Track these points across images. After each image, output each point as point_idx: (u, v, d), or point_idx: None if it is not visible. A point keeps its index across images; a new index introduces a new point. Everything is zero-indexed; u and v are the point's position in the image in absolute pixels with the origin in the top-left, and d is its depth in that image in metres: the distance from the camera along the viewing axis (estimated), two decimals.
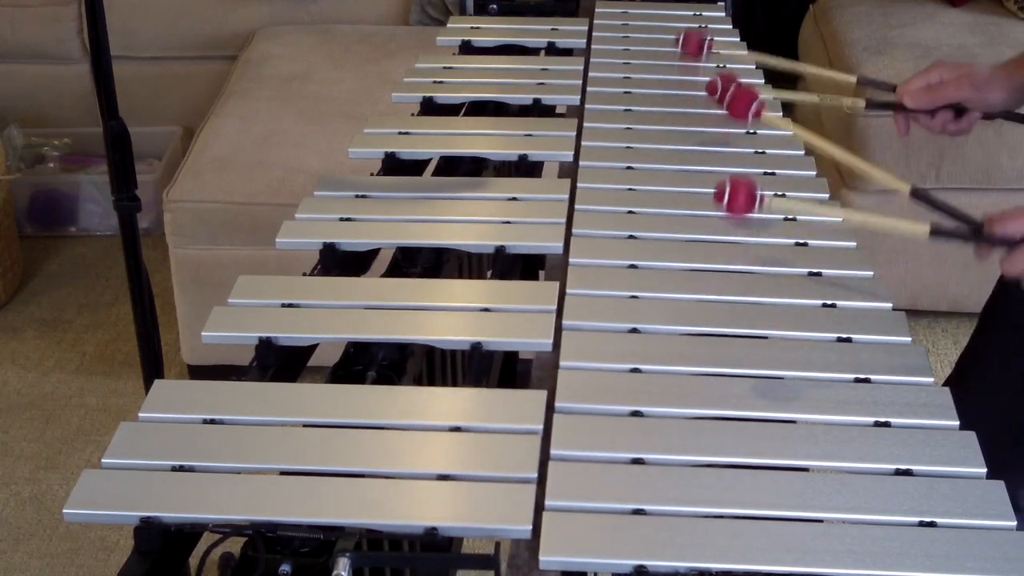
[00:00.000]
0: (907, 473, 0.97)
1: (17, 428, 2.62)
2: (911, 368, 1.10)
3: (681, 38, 1.79)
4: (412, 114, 1.67)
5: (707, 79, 1.59)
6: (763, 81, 1.77)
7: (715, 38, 1.80)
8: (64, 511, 0.92)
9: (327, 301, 1.19)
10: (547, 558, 0.88)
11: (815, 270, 1.27)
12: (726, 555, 0.88)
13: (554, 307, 1.18)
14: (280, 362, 1.14)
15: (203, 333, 1.15)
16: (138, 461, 0.96)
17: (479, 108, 1.70)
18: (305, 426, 1.02)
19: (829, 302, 1.21)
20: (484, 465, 0.96)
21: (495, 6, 2.08)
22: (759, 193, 1.24)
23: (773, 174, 1.47)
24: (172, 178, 2.61)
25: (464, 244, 1.33)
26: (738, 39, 1.93)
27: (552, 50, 1.91)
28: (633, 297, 1.21)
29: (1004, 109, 1.55)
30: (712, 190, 1.26)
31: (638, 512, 0.92)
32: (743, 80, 1.56)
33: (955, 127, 1.54)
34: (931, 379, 1.09)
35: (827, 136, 1.48)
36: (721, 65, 1.75)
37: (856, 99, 1.64)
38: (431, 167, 1.56)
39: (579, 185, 1.43)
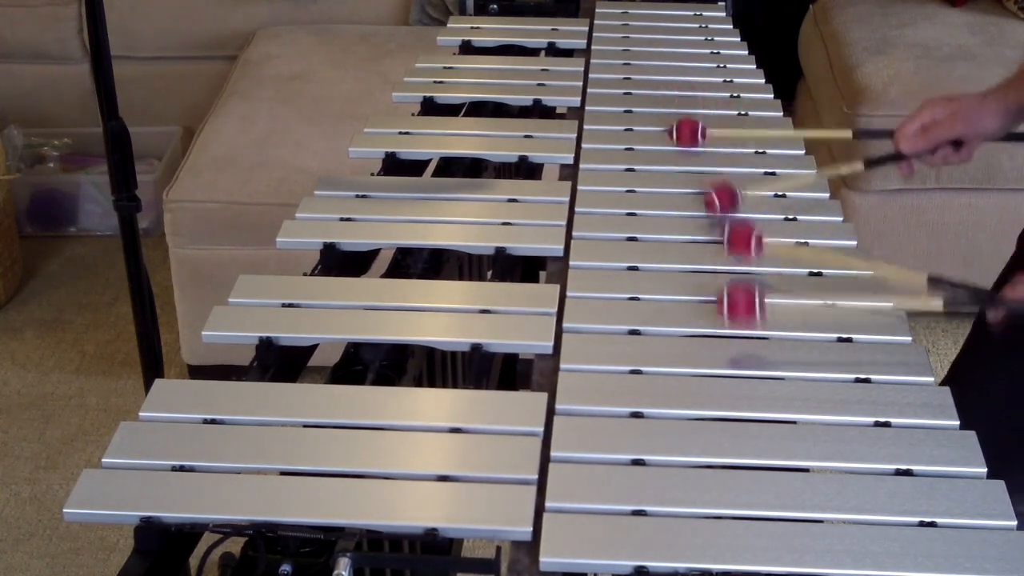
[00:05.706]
0: (907, 473, 0.97)
1: (17, 428, 2.62)
2: (911, 368, 1.10)
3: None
4: (412, 114, 1.67)
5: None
6: (764, 80, 1.77)
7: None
8: (64, 511, 0.92)
9: (327, 301, 1.19)
10: (547, 559, 0.88)
11: (815, 269, 1.27)
12: (726, 555, 0.88)
13: (554, 309, 1.18)
14: (280, 362, 1.14)
15: (203, 333, 1.15)
16: (138, 461, 0.96)
17: (479, 108, 1.70)
18: (305, 426, 1.01)
19: (829, 302, 1.21)
20: (484, 466, 0.96)
21: (495, 6, 2.08)
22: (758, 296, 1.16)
23: (773, 174, 1.47)
24: (172, 178, 2.61)
25: (464, 245, 1.33)
26: (738, 39, 1.93)
27: (552, 50, 1.91)
28: (633, 299, 1.21)
29: (1001, 133, 1.53)
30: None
31: (638, 513, 0.92)
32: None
33: (957, 158, 1.53)
34: (931, 379, 1.09)
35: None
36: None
37: (854, 163, 1.62)
38: (431, 167, 1.56)
39: (579, 188, 1.43)
